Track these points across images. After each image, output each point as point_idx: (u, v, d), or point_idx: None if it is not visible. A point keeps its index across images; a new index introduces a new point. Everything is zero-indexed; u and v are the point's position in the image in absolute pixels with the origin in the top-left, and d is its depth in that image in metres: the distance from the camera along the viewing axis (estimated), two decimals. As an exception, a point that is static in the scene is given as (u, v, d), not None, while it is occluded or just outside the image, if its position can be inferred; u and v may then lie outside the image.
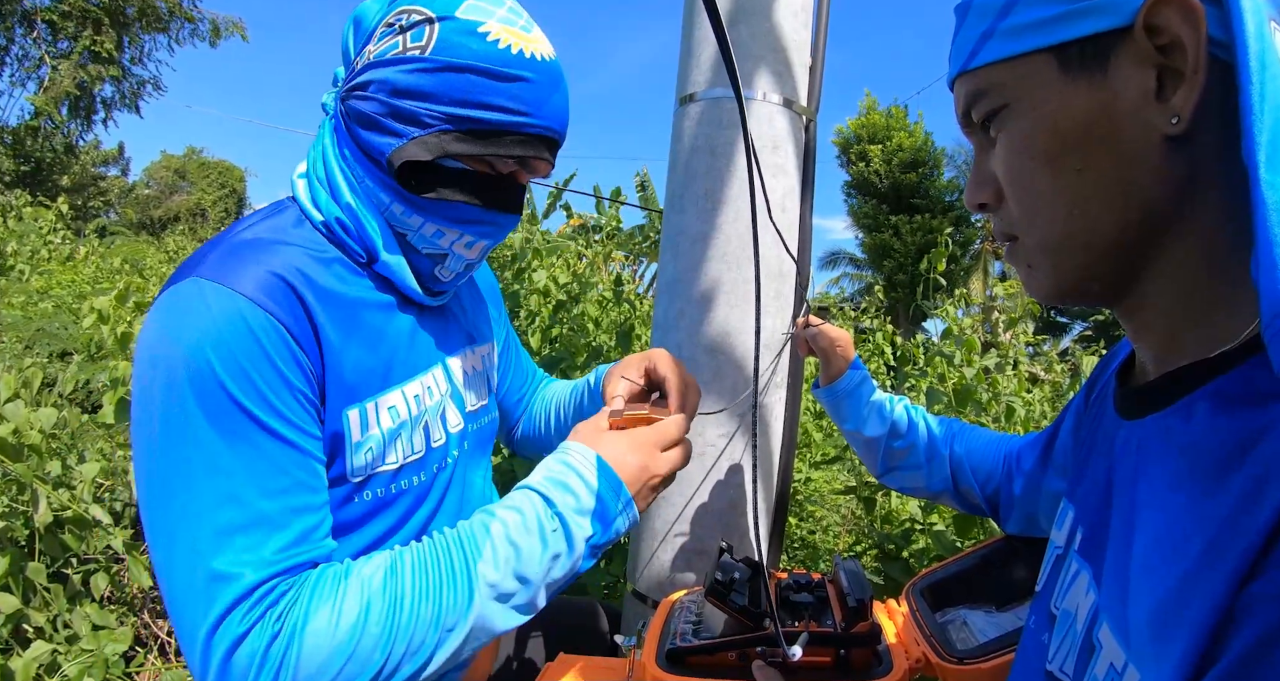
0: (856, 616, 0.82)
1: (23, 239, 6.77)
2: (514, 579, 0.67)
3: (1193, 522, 0.38)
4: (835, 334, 1.13)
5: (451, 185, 0.75)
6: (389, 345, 0.78)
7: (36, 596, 1.79)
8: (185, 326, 0.63)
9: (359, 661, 0.60)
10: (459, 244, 0.80)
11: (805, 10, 1.26)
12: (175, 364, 0.62)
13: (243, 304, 0.64)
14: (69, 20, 14.94)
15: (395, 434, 0.77)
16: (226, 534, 0.60)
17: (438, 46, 0.71)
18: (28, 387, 2.11)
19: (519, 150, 0.75)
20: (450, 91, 0.71)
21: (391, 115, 0.72)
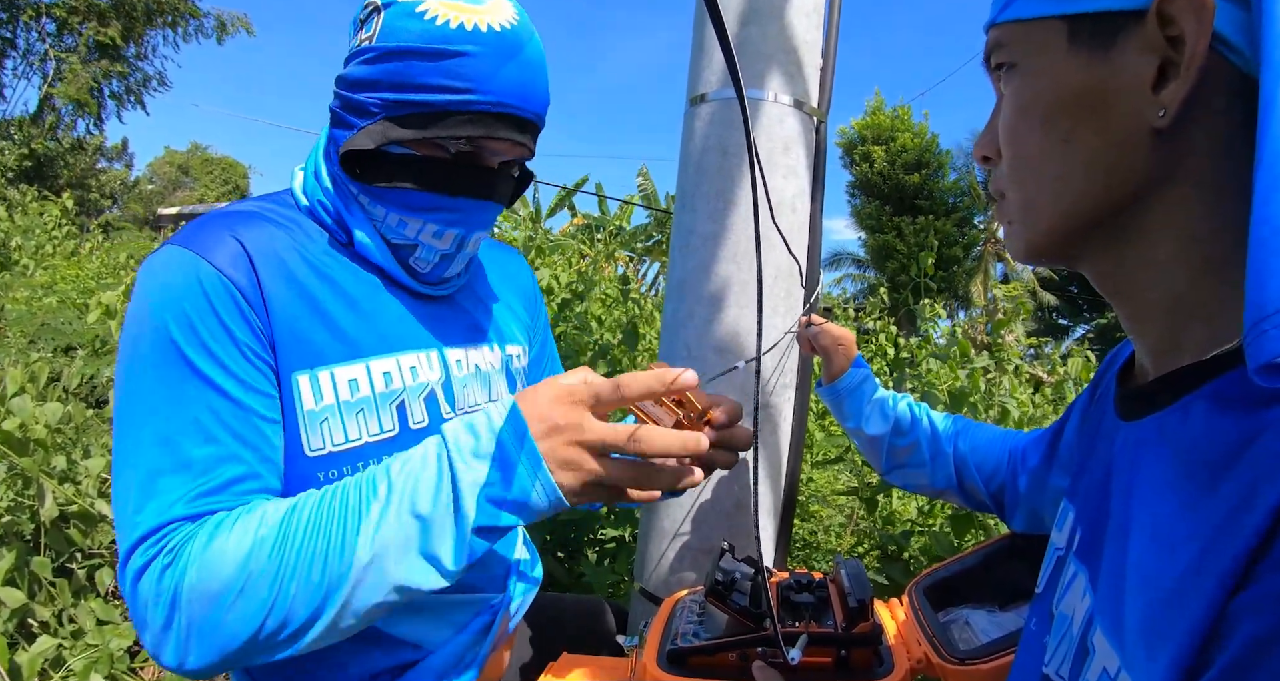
0: (858, 616, 0.82)
1: (27, 233, 6.78)
2: (410, 517, 0.61)
3: (1186, 527, 0.38)
4: (837, 332, 1.14)
5: (400, 171, 0.75)
6: (360, 319, 0.78)
7: (42, 591, 1.79)
8: (149, 286, 0.69)
9: (251, 596, 0.60)
10: (425, 233, 0.79)
11: (817, 11, 1.26)
12: (139, 319, 0.68)
13: (199, 264, 0.69)
14: (75, 15, 14.95)
15: (354, 407, 0.75)
16: (153, 475, 0.64)
17: (380, 34, 0.72)
18: (33, 383, 2.11)
19: (468, 129, 0.73)
20: (388, 77, 0.71)
21: (345, 108, 0.75)
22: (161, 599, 0.61)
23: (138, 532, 0.63)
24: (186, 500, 0.64)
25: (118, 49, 15.70)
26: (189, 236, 0.71)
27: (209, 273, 0.68)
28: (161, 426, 0.65)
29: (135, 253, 7.11)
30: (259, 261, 0.72)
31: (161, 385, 0.66)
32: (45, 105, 15.65)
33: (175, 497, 0.64)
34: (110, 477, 0.68)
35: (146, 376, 0.66)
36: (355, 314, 0.77)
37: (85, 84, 15.26)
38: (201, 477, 0.65)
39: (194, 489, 0.65)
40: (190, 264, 0.69)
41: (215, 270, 0.69)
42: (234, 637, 0.61)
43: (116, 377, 0.69)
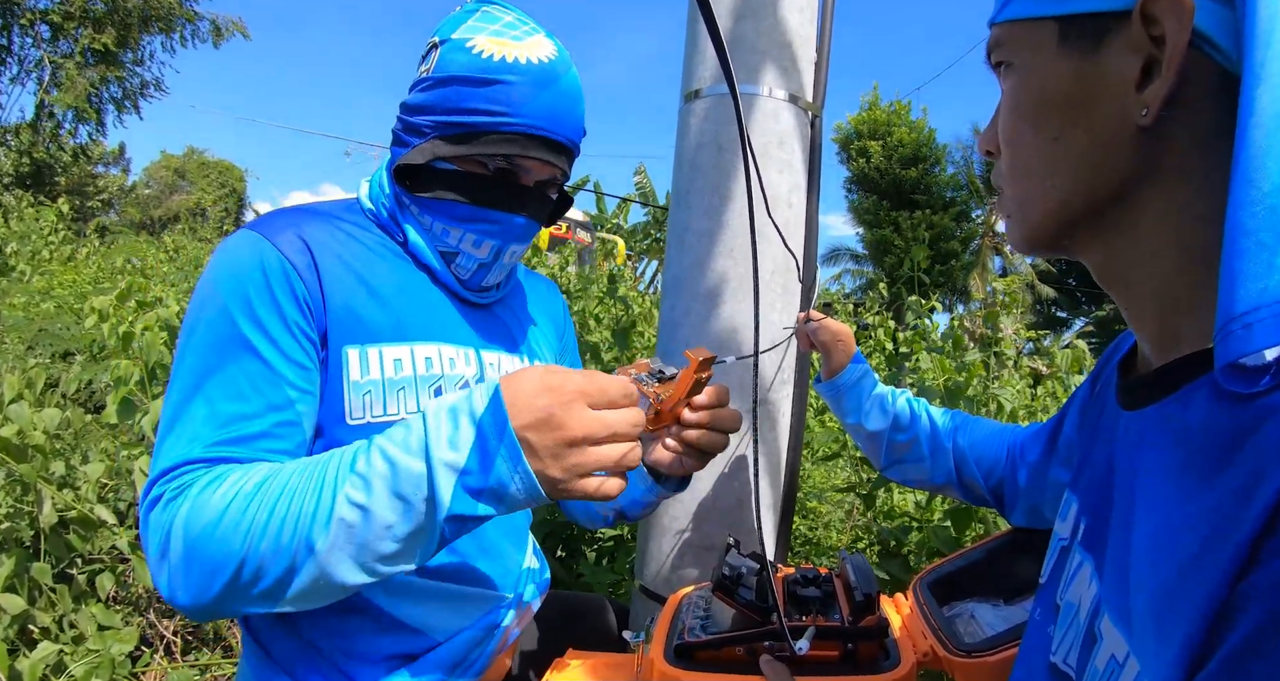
0: (864, 610, 0.82)
1: (24, 239, 6.77)
2: (385, 495, 0.61)
3: (1191, 513, 0.39)
4: (836, 328, 1.13)
5: (445, 185, 0.85)
6: (408, 304, 0.86)
7: (42, 597, 1.79)
8: (219, 260, 0.79)
9: (225, 543, 0.64)
10: (465, 242, 0.88)
11: (811, 6, 1.25)
12: (206, 285, 0.77)
13: (263, 244, 0.78)
14: (70, 21, 14.93)
15: (397, 385, 0.83)
16: (185, 420, 0.72)
17: (436, 66, 0.83)
18: (31, 388, 2.11)
19: (504, 148, 0.82)
20: (440, 102, 0.82)
21: (404, 130, 0.86)
22: (159, 531, 0.68)
23: (160, 466, 0.71)
24: (205, 444, 0.71)
25: (114, 55, 15.68)
26: (260, 223, 0.82)
27: (269, 251, 0.78)
28: (202, 379, 0.73)
29: (132, 256, 7.09)
30: (317, 248, 0.81)
31: (210, 344, 0.74)
32: (41, 112, 15.62)
33: (196, 441, 0.71)
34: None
35: (198, 335, 0.75)
36: (405, 301, 0.86)
37: (82, 91, 15.24)
38: (224, 428, 0.72)
39: (215, 436, 0.72)
40: (255, 243, 0.78)
41: (276, 250, 0.78)
42: (210, 581, 0.65)
43: (179, 336, 0.78)
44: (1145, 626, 0.40)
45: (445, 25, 0.85)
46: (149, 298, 2.74)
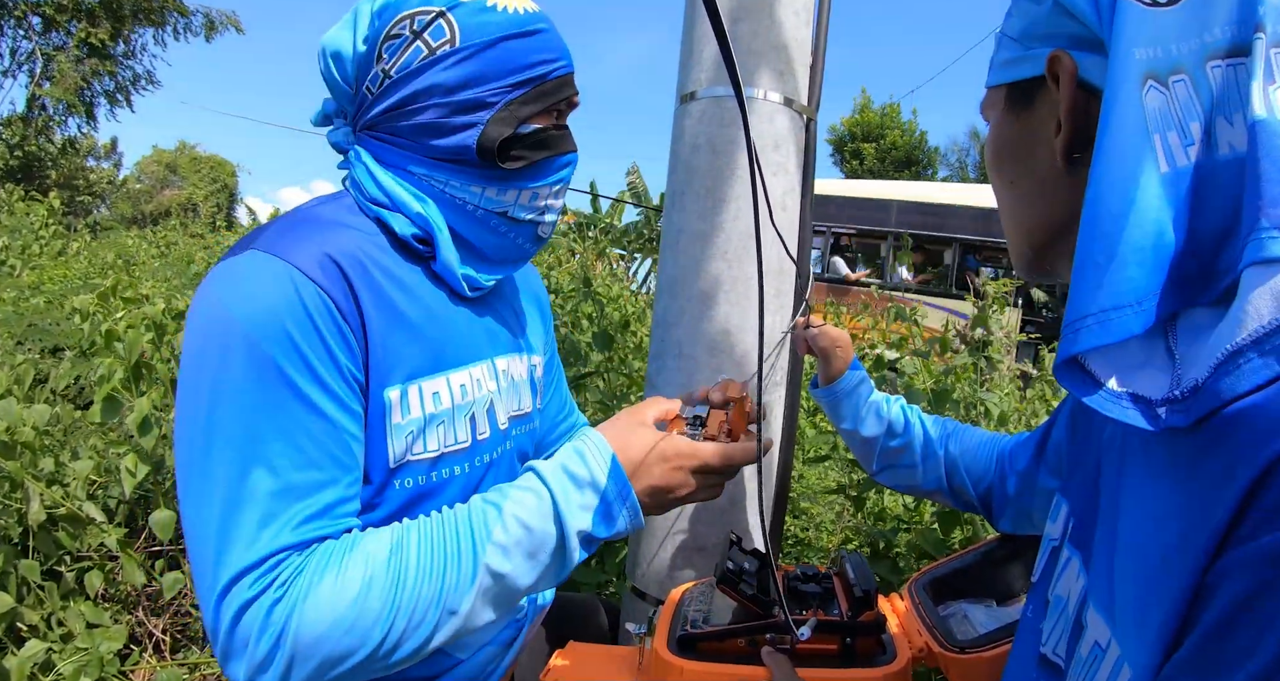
0: (862, 606, 0.85)
1: (14, 234, 6.73)
2: (522, 559, 0.68)
3: (1172, 504, 0.41)
4: (835, 334, 1.14)
5: (531, 146, 0.80)
6: (439, 332, 0.80)
7: (30, 594, 1.78)
8: (240, 296, 0.65)
9: (358, 633, 0.62)
10: (548, 195, 0.85)
11: (806, 9, 1.26)
12: (229, 331, 0.64)
13: (296, 276, 0.67)
14: (63, 14, 14.82)
15: (436, 420, 0.78)
16: (254, 501, 0.62)
17: (464, 32, 0.75)
18: (20, 384, 2.09)
19: (565, 90, 0.82)
20: (494, 66, 0.76)
21: (457, 111, 0.75)
22: (268, 632, 0.61)
23: (246, 559, 0.61)
24: (293, 526, 0.64)
25: (107, 48, 15.58)
26: (274, 241, 0.69)
27: (308, 287, 0.67)
28: (261, 450, 0.63)
29: (123, 252, 7.05)
30: (351, 274, 0.71)
31: (256, 405, 0.64)
32: (33, 104, 15.50)
33: (282, 525, 0.63)
34: (179, 479, 0.65)
35: (244, 398, 0.63)
36: (435, 327, 0.80)
37: (74, 84, 15.13)
38: (304, 502, 0.65)
39: (298, 514, 0.64)
40: (284, 275, 0.66)
41: (313, 284, 0.67)
42: (333, 669, 0.62)
43: (193, 389, 0.65)
44: (1127, 613, 0.43)
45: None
46: (136, 295, 2.72)
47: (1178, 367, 0.42)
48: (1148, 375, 0.43)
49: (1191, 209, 0.41)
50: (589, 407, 2.47)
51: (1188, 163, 0.41)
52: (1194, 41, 0.41)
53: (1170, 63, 0.41)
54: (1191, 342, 0.42)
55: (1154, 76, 0.41)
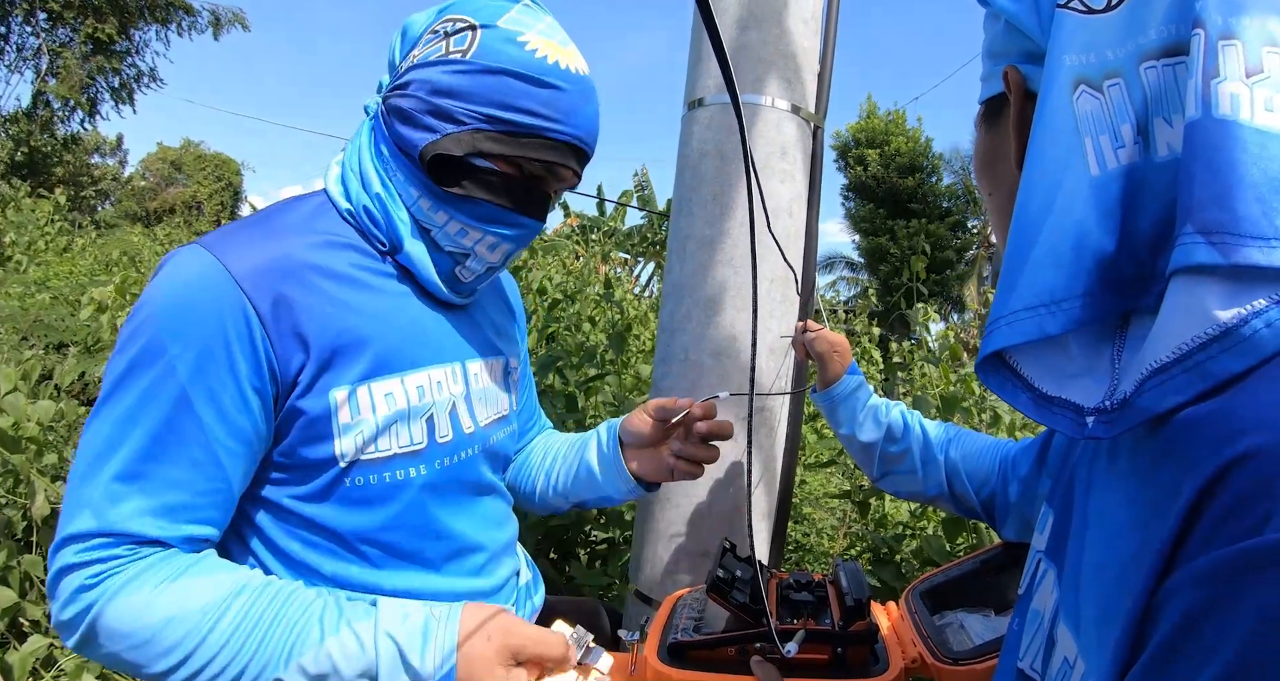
0: (854, 615, 0.84)
1: (20, 230, 6.75)
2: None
3: (1129, 517, 0.40)
4: (833, 339, 1.14)
5: (478, 182, 0.78)
6: (395, 333, 0.79)
7: (33, 590, 1.78)
8: (164, 284, 0.68)
9: (144, 654, 0.65)
10: (481, 244, 0.82)
11: (815, 18, 1.27)
12: (142, 315, 0.68)
13: (223, 276, 0.68)
14: (70, 10, 14.85)
15: (390, 420, 0.77)
16: (105, 477, 0.66)
17: (479, 51, 0.76)
18: (26, 380, 2.10)
19: (548, 155, 0.78)
20: (487, 93, 0.75)
21: (430, 112, 0.76)
22: (73, 605, 0.65)
23: (79, 526, 0.65)
24: (131, 514, 0.66)
25: (113, 44, 15.60)
26: (220, 240, 0.71)
27: (232, 295, 0.68)
28: (123, 433, 0.66)
29: (128, 249, 7.06)
30: (287, 282, 0.72)
31: (151, 396, 0.66)
32: (38, 100, 15.53)
33: (123, 508, 0.66)
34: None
35: (137, 380, 0.67)
36: (390, 328, 0.79)
37: (80, 80, 15.15)
38: (148, 496, 0.67)
39: (139, 505, 0.66)
40: (213, 274, 0.68)
41: (237, 288, 0.68)
42: (121, 667, 0.66)
43: (110, 365, 0.68)
44: (1091, 626, 0.42)
45: (481, 9, 0.78)
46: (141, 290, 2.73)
47: (1115, 377, 0.41)
48: (1084, 384, 0.43)
49: (1124, 211, 0.41)
50: (599, 409, 2.47)
51: (1118, 165, 0.41)
52: (1130, 45, 0.41)
53: (1104, 67, 0.41)
54: (1133, 353, 0.41)
55: (1086, 81, 0.42)
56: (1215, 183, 0.36)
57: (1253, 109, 0.36)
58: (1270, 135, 0.35)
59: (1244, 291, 0.35)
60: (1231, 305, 0.35)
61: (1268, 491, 0.31)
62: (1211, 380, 0.36)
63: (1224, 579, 0.31)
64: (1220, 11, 0.37)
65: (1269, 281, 0.35)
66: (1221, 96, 0.36)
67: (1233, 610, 0.31)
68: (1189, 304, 0.36)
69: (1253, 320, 0.35)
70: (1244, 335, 0.35)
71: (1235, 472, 0.33)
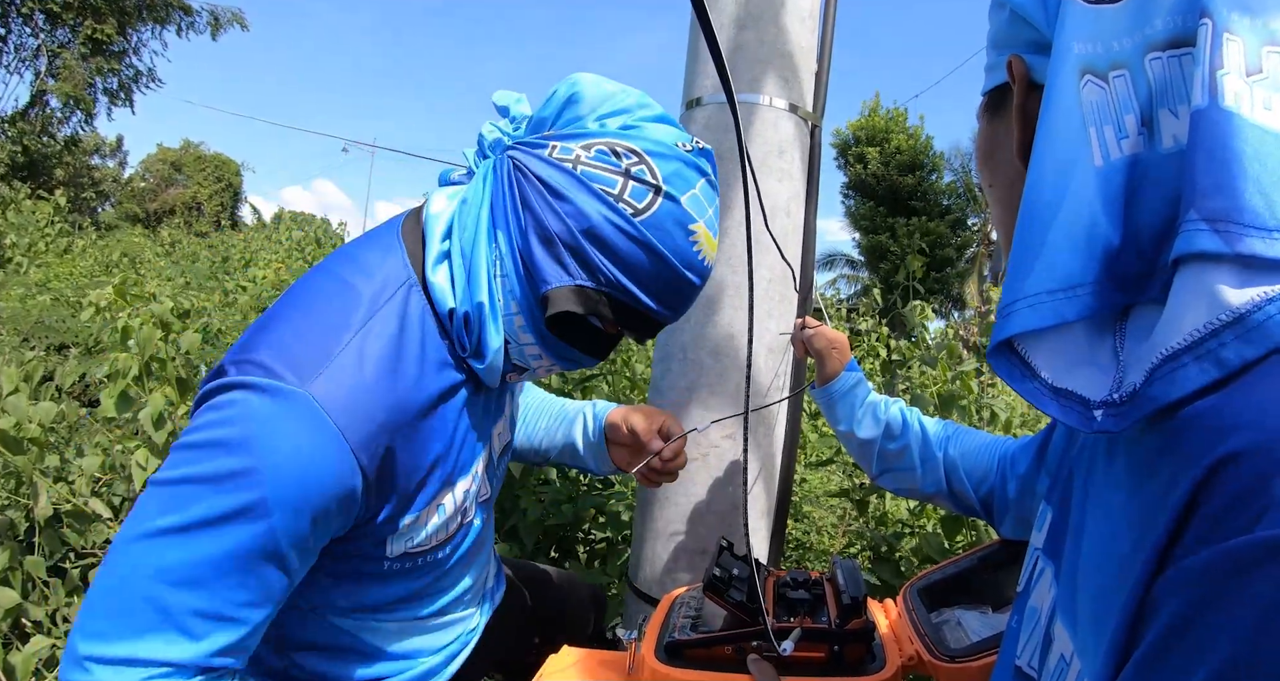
0: (851, 613, 0.84)
1: (21, 231, 6.75)
2: None
3: (1128, 515, 0.40)
4: (832, 335, 1.15)
5: (579, 333, 0.77)
6: (460, 445, 0.80)
7: (35, 590, 1.79)
8: (282, 446, 0.63)
9: None
10: (543, 367, 0.81)
11: (812, 16, 1.27)
12: (244, 460, 0.62)
13: (343, 454, 0.65)
14: (69, 10, 14.85)
15: (440, 523, 0.81)
16: (184, 608, 0.61)
17: (651, 220, 0.71)
18: (27, 381, 2.11)
19: (645, 328, 0.78)
20: (637, 266, 0.72)
21: (572, 250, 0.71)
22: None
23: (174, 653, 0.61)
24: (218, 649, 0.63)
25: (112, 45, 15.60)
26: (337, 389, 0.65)
27: (349, 469, 0.66)
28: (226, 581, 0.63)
29: (129, 250, 7.06)
30: (402, 432, 0.70)
31: (246, 549, 0.63)
32: (37, 101, 15.53)
33: (209, 647, 0.63)
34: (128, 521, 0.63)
35: (233, 529, 0.62)
36: (458, 441, 0.79)
37: (81, 81, 15.16)
38: (231, 633, 0.64)
39: (226, 641, 0.64)
40: (334, 449, 0.64)
41: (355, 461, 0.66)
42: None
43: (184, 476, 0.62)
44: (1088, 624, 0.42)
45: (671, 171, 0.72)
46: (144, 292, 2.74)
47: (1120, 370, 0.41)
48: (1088, 374, 0.42)
49: (1127, 203, 0.41)
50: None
51: (1121, 156, 0.41)
52: (1136, 36, 0.41)
53: (1110, 58, 0.41)
54: (1137, 344, 0.41)
55: (1092, 71, 0.41)
56: (1219, 171, 0.36)
57: (1252, 106, 0.36)
58: (1269, 133, 0.36)
59: (1256, 278, 0.35)
60: (1244, 291, 0.35)
61: (1260, 489, 0.31)
62: (1224, 368, 0.35)
63: (1217, 576, 0.31)
64: (1226, 5, 0.37)
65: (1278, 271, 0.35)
66: (1226, 89, 0.36)
67: (1226, 608, 0.31)
68: (1199, 291, 0.36)
69: (1266, 306, 0.35)
70: (1257, 321, 0.35)
71: (1227, 471, 0.33)
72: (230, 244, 8.73)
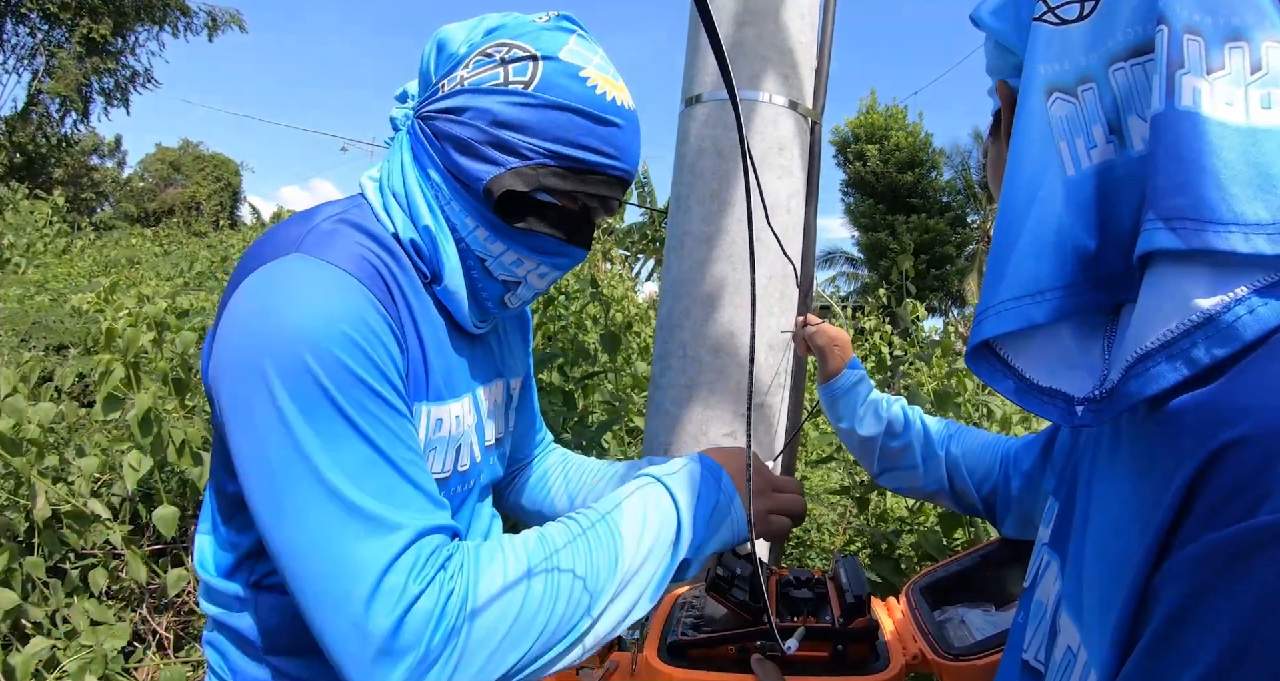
0: (855, 612, 0.84)
1: (19, 231, 6.75)
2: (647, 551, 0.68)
3: (1131, 506, 0.41)
4: (834, 333, 1.14)
5: (541, 217, 0.78)
6: (441, 360, 0.79)
7: (35, 591, 1.79)
8: (301, 301, 0.63)
9: (523, 624, 0.61)
10: (534, 273, 0.83)
11: (812, 13, 1.26)
12: (295, 339, 0.61)
13: (359, 291, 0.66)
14: (66, 11, 14.84)
15: (431, 446, 0.77)
16: (382, 493, 0.61)
17: (541, 84, 0.74)
18: (26, 382, 2.10)
19: (604, 189, 0.80)
20: (552, 128, 0.75)
21: (490, 144, 0.75)
22: (443, 628, 0.59)
23: (398, 541, 0.60)
24: (425, 508, 0.63)
25: (109, 45, 15.60)
26: (324, 248, 0.67)
27: (370, 305, 0.66)
28: (365, 449, 0.62)
29: (127, 250, 7.06)
30: (391, 287, 0.71)
31: (350, 410, 0.62)
32: (33, 101, 15.53)
33: (417, 508, 0.63)
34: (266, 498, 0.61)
35: (329, 404, 0.61)
36: (438, 355, 0.79)
37: (75, 80, 15.15)
38: (423, 492, 0.64)
39: (426, 501, 0.64)
40: (349, 287, 0.65)
41: (374, 303, 0.66)
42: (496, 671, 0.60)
43: (263, 400, 0.61)
44: (1093, 614, 0.43)
45: (538, 38, 0.77)
46: (139, 293, 2.73)
47: (1105, 368, 0.43)
48: (1078, 376, 0.44)
49: (1101, 208, 0.42)
50: (597, 407, 2.47)
51: (1091, 165, 0.43)
52: (1100, 49, 0.43)
53: (1078, 73, 0.43)
54: (1120, 344, 0.42)
55: (1060, 88, 0.44)
56: (1178, 170, 0.37)
57: (1214, 102, 0.37)
58: (1228, 127, 0.37)
59: (1225, 279, 0.37)
60: (1214, 293, 0.36)
61: (1258, 477, 0.32)
62: (1195, 367, 0.37)
63: (1218, 563, 0.32)
64: (1184, 7, 0.39)
65: (1249, 269, 0.37)
66: (1184, 89, 0.38)
67: (1227, 593, 0.31)
68: (1166, 289, 0.38)
69: (1235, 307, 0.36)
70: (1226, 322, 0.36)
71: (1226, 459, 0.33)
72: (229, 243, 8.72)
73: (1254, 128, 0.37)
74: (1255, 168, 0.37)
